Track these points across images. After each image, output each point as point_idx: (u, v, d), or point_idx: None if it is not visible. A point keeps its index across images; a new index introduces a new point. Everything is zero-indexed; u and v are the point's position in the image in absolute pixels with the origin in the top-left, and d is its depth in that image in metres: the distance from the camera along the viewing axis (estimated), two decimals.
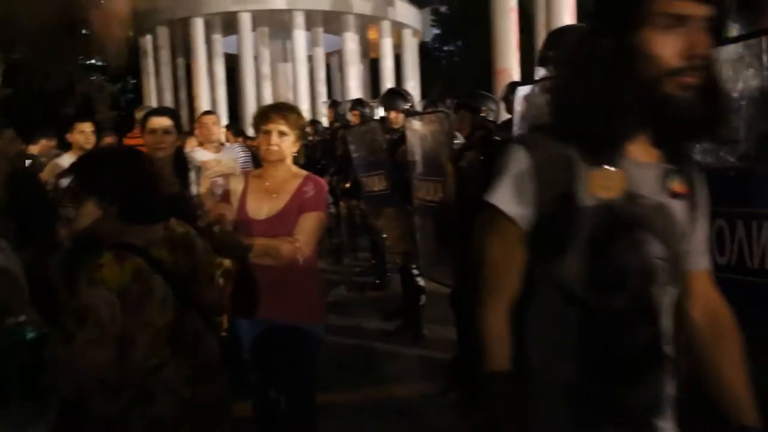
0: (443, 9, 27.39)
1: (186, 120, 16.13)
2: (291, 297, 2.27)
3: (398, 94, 4.98)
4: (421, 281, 4.35)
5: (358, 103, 6.37)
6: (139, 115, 5.09)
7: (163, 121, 2.71)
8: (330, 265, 6.58)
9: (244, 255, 2.19)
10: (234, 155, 4.46)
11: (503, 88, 4.18)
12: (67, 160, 4.05)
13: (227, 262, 1.90)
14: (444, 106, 7.26)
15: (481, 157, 3.15)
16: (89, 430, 1.43)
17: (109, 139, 5.72)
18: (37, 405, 0.88)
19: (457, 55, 29.94)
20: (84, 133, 4.42)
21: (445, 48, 31.86)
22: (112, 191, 1.56)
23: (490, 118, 3.65)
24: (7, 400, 0.89)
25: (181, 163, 2.82)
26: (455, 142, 3.54)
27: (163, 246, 1.62)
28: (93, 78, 21.16)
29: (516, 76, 11.32)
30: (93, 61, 26.62)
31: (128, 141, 5.07)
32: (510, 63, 11.82)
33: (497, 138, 3.13)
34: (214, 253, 1.84)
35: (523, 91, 2.36)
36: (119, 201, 1.56)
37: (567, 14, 11.20)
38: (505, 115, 3.84)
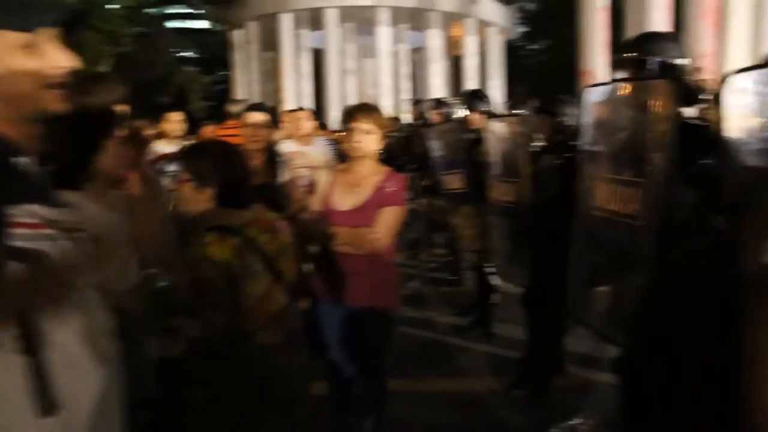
0: (530, 6, 26.84)
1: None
2: (369, 284, 2.42)
3: (478, 95, 5.05)
4: (494, 280, 4.40)
5: (439, 103, 6.45)
6: (233, 108, 5.43)
7: (259, 117, 2.95)
8: (406, 260, 6.73)
9: (327, 243, 2.37)
10: (322, 149, 4.67)
11: (580, 92, 4.14)
12: (161, 146, 4.39)
13: (310, 249, 2.08)
14: (529, 107, 7.21)
15: (558, 161, 3.17)
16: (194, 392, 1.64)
17: (209, 129, 6.11)
18: (166, 343, 1.09)
19: (543, 54, 29.27)
20: (173, 123, 4.76)
21: (531, 47, 31.20)
22: (210, 178, 1.76)
23: (570, 123, 3.65)
24: (149, 336, 1.10)
25: (272, 155, 3.04)
26: (535, 144, 3.57)
27: (253, 227, 1.81)
28: (188, 70, 22.36)
29: (602, 77, 10.97)
30: (188, 53, 28.13)
31: (222, 131, 5.41)
32: (595, 64, 11.48)
33: (573, 143, 3.15)
34: (298, 238, 2.02)
35: (591, 94, 2.34)
36: (216, 187, 1.77)
37: (660, 13, 10.72)
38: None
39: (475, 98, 4.89)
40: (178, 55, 23.03)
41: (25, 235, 0.93)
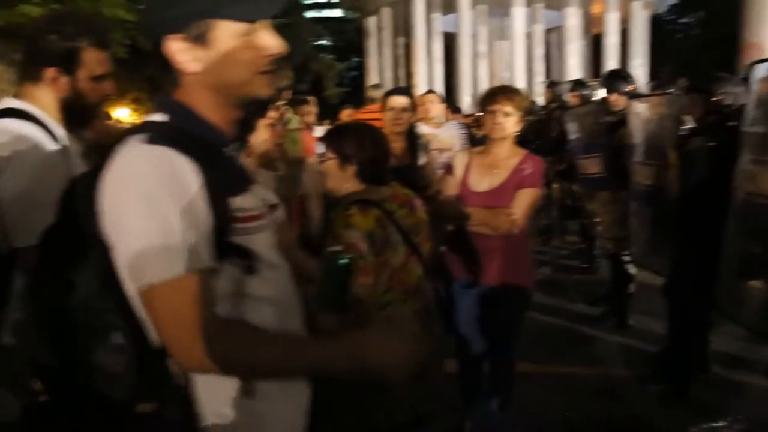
0: None
1: None
2: (503, 263, 2.47)
3: (620, 75, 4.77)
4: (631, 269, 4.21)
5: (578, 84, 6.21)
6: (373, 93, 5.65)
7: (402, 101, 3.07)
8: (538, 246, 6.61)
9: (463, 222, 2.43)
10: (453, 132, 4.72)
11: (746, 67, 3.77)
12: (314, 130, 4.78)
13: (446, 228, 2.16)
14: (675, 87, 6.68)
15: (711, 144, 2.95)
16: None
17: (348, 112, 6.42)
18: (344, 317, 1.21)
19: (696, 28, 26.69)
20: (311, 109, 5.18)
21: (682, 20, 28.57)
22: (351, 156, 1.90)
23: (728, 102, 3.35)
24: (333, 311, 1.23)
25: (413, 138, 3.16)
26: (684, 126, 3.34)
27: (393, 202, 1.94)
28: (324, 57, 23.33)
29: None
30: (324, 42, 29.29)
31: (361, 115, 5.66)
32: (763, 36, 10.27)
33: (732, 124, 2.90)
34: (433, 217, 2.11)
35: (758, 69, 2.16)
36: (357, 164, 1.90)
37: None
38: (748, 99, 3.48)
39: (616, 78, 4.64)
40: (315, 43, 24.09)
41: (246, 228, 0.98)
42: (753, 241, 2.15)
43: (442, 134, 4.49)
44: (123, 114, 19.33)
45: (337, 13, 43.37)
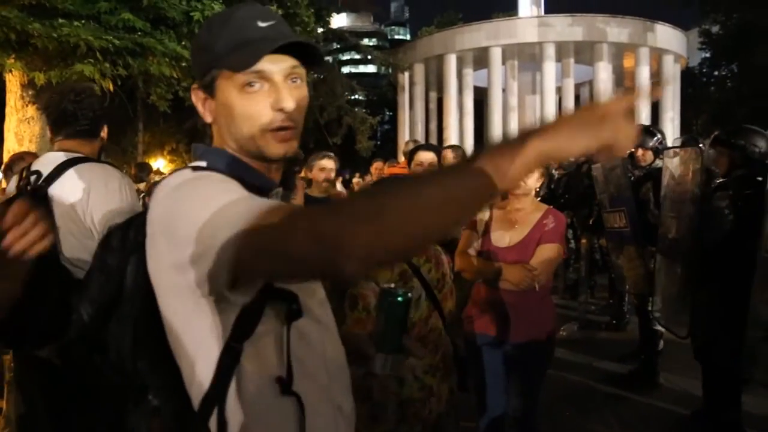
0: (715, 29, 24.60)
1: None
2: (525, 319, 2.46)
3: (647, 130, 4.81)
4: (659, 326, 4.12)
5: None
6: (407, 148, 5.82)
7: (429, 156, 3.16)
8: (566, 301, 6.51)
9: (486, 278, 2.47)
10: None
11: None
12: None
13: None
14: (708, 140, 6.63)
15: (735, 198, 2.94)
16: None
17: (377, 165, 6.56)
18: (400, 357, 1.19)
19: (730, 81, 26.55)
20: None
21: (716, 73, 28.50)
22: None
23: (757, 157, 3.33)
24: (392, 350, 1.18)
25: None
26: (713, 180, 3.33)
27: (420, 256, 1.97)
28: (357, 111, 23.89)
29: None
30: (357, 96, 30.09)
31: (391, 170, 5.79)
32: None
33: (760, 179, 2.89)
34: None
35: None
36: None
37: None
38: None
39: (645, 134, 4.67)
40: (349, 98, 24.75)
41: None
42: None
43: None
44: (160, 164, 20.02)
45: (371, 68, 44.76)
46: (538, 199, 3.57)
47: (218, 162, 0.94)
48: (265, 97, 0.92)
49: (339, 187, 4.50)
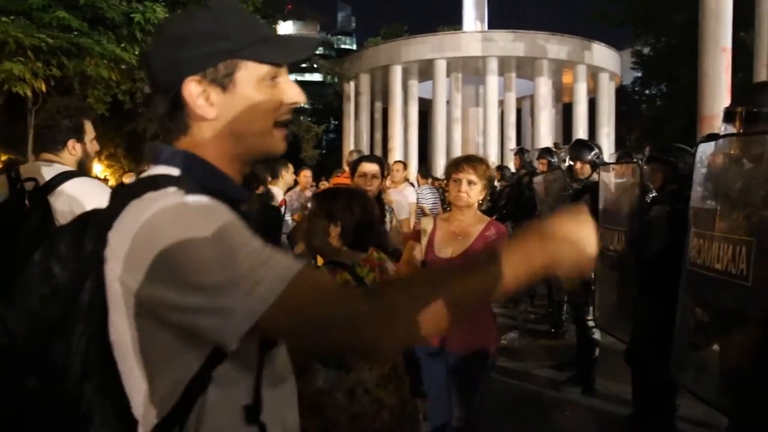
0: (646, 51, 25.94)
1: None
2: (468, 332, 2.49)
3: (584, 144, 5.01)
4: (596, 334, 4.27)
5: (546, 152, 6.46)
6: (350, 158, 5.82)
7: (373, 167, 3.18)
8: (507, 310, 6.65)
9: None
10: (406, 197, 4.84)
11: (702, 139, 3.98)
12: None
13: None
14: (641, 155, 6.92)
15: (670, 212, 3.09)
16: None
17: (304, 173, 6.42)
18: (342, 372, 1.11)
19: (659, 99, 28.03)
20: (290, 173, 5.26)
21: (647, 92, 30.02)
22: (337, 220, 1.96)
23: (687, 173, 3.53)
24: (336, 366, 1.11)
25: (381, 203, 3.25)
26: (648, 194, 3.49)
27: (364, 266, 1.98)
28: (302, 119, 23.78)
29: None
30: (302, 105, 29.98)
31: (336, 180, 5.78)
32: (718, 109, 10.88)
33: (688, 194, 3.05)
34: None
35: (703, 148, 2.32)
36: (342, 227, 1.96)
37: None
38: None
39: (580, 147, 4.86)
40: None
41: None
42: (702, 313, 2.23)
43: (395, 197, 4.60)
44: (96, 170, 19.26)
45: (317, 77, 44.63)
46: (480, 209, 3.64)
47: (195, 171, 0.86)
48: (279, 91, 0.90)
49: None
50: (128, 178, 4.75)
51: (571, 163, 4.90)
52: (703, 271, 2.14)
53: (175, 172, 0.86)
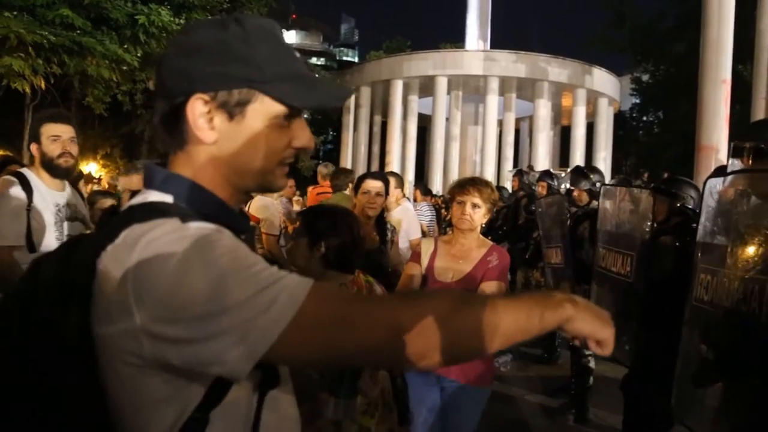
0: (645, 78, 26.18)
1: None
2: None
3: (582, 172, 4.99)
4: (591, 362, 4.21)
5: (546, 175, 6.44)
6: (323, 171, 5.80)
7: (377, 185, 3.11)
8: None
9: None
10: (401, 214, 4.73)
11: (711, 174, 3.95)
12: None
13: None
14: (639, 181, 6.89)
15: (676, 244, 3.05)
16: None
17: (289, 182, 6.37)
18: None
19: (657, 126, 28.26)
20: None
21: (644, 118, 30.27)
22: (321, 240, 1.90)
23: (689, 206, 3.50)
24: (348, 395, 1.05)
25: (382, 221, 3.18)
26: (648, 222, 3.45)
27: (351, 288, 1.91)
28: None
29: (723, 153, 10.37)
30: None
31: (313, 191, 5.72)
32: (717, 139, 10.92)
33: (695, 225, 3.01)
34: None
35: (712, 183, 2.27)
36: (326, 249, 1.89)
37: None
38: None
39: (579, 175, 4.83)
40: None
41: None
42: (707, 351, 2.17)
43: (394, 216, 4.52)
44: (92, 169, 19.13)
45: None
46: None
47: (191, 199, 0.80)
48: (290, 132, 0.83)
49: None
50: (123, 178, 4.70)
51: (571, 188, 4.88)
52: (711, 308, 2.08)
53: (168, 198, 0.80)
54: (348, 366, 0.99)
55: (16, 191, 2.39)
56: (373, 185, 3.10)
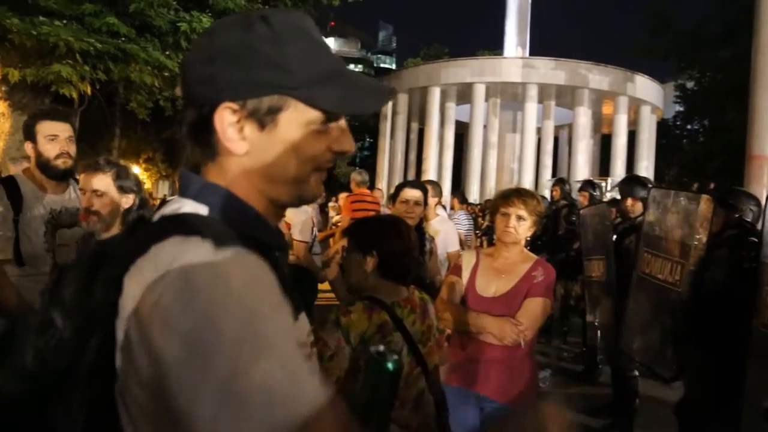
0: (690, 85, 25.37)
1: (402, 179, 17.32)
2: (506, 377, 2.31)
3: (638, 180, 4.72)
4: (636, 385, 4.01)
5: (588, 184, 6.25)
6: (357, 178, 5.72)
7: (416, 194, 3.03)
8: (537, 345, 6.41)
9: (468, 329, 2.32)
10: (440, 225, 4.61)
11: None
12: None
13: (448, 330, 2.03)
14: (690, 191, 6.63)
15: (734, 259, 2.87)
16: None
17: (343, 195, 6.37)
18: None
19: (702, 135, 27.34)
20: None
21: (689, 126, 29.34)
22: (372, 248, 1.82)
23: (748, 218, 3.31)
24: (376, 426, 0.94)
25: (420, 232, 3.10)
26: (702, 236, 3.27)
27: (405, 306, 1.82)
28: None
29: None
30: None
31: (348, 199, 5.65)
32: None
33: (753, 240, 2.83)
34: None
35: None
36: (379, 259, 1.81)
37: None
38: None
39: (633, 183, 4.54)
40: None
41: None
42: None
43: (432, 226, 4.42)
44: (135, 171, 19.63)
45: None
46: None
47: (228, 213, 0.74)
48: (329, 138, 0.77)
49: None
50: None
51: (618, 198, 4.68)
52: None
53: (203, 210, 0.74)
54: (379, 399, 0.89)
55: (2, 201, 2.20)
56: (412, 194, 3.02)
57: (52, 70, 6.85)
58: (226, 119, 0.73)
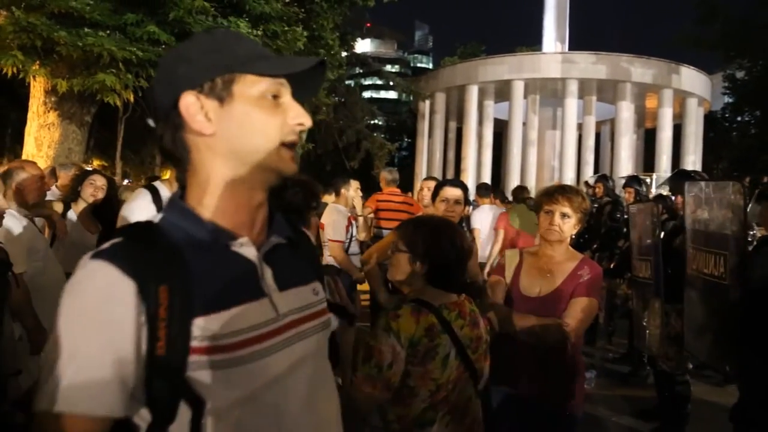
0: (740, 75, 24.34)
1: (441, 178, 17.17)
2: (553, 379, 2.23)
3: (690, 175, 4.52)
4: (687, 389, 3.85)
5: (633, 180, 6.06)
6: (387, 176, 5.61)
7: (456, 192, 2.98)
8: (583, 345, 6.25)
9: (512, 331, 2.25)
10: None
11: None
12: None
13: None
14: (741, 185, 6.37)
15: None
16: None
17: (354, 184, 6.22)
18: None
19: (753, 127, 26.22)
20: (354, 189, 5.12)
21: (738, 118, 28.21)
22: (422, 253, 1.77)
23: None
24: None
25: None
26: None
27: (453, 309, 1.77)
28: (375, 135, 23.95)
29: None
30: (377, 121, 30.22)
31: (374, 197, 5.57)
32: None
33: None
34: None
35: None
36: (428, 263, 1.77)
37: None
38: None
39: (686, 178, 4.35)
40: (369, 122, 24.87)
41: (226, 360, 0.80)
42: None
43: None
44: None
45: (392, 95, 45.01)
46: None
47: (172, 213, 0.89)
48: (282, 111, 0.88)
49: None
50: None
51: (668, 194, 4.51)
52: None
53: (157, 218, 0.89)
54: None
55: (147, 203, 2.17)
56: (453, 193, 2.97)
57: (97, 79, 7.05)
58: (188, 102, 0.85)
